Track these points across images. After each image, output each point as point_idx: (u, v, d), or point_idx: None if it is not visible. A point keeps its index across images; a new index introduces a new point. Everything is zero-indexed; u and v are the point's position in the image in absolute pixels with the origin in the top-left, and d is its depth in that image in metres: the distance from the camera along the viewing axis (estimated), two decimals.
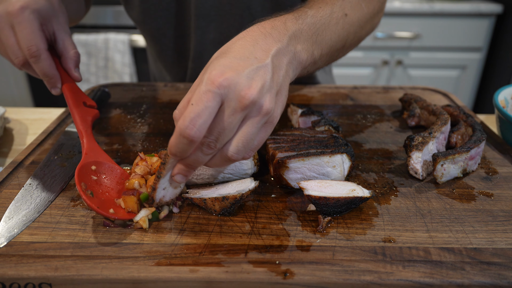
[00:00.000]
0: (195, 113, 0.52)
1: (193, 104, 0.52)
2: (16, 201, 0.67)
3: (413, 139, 0.78)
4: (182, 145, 0.54)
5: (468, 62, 2.63)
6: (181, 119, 0.53)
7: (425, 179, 0.76)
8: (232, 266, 0.55)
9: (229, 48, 0.60)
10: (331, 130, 0.84)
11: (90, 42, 2.48)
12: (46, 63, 0.75)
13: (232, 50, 0.58)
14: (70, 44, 0.79)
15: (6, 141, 1.00)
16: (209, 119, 0.53)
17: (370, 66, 2.65)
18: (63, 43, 0.78)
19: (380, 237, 0.61)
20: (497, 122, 0.94)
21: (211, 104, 0.52)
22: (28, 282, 0.54)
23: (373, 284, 0.53)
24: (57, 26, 0.78)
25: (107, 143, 0.88)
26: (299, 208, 0.68)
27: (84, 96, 0.83)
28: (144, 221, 0.62)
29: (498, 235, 0.62)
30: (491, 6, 2.44)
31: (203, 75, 0.56)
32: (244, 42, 0.60)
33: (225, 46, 0.61)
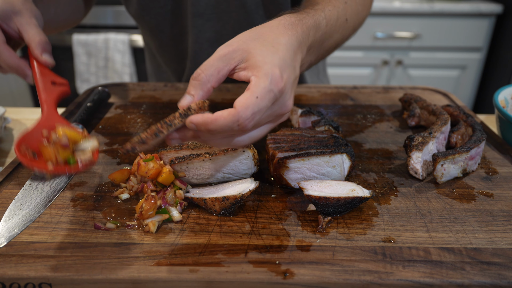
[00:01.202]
0: (258, 108, 0.57)
1: (258, 97, 0.56)
2: (16, 201, 0.67)
3: (413, 139, 0.78)
4: (230, 128, 0.56)
5: (468, 62, 2.63)
6: (244, 109, 0.56)
7: (425, 179, 0.76)
8: (232, 266, 0.55)
9: (276, 42, 0.64)
10: (331, 130, 0.84)
11: (90, 42, 2.48)
12: (5, 55, 0.76)
13: (280, 49, 0.63)
14: (35, 34, 0.79)
15: (6, 141, 1.00)
16: (262, 116, 0.59)
17: (370, 66, 2.65)
18: (27, 34, 0.79)
19: (380, 237, 0.61)
20: (497, 122, 0.94)
21: (270, 103, 0.58)
22: (28, 282, 0.54)
23: (373, 284, 0.53)
24: (20, 22, 0.79)
25: (107, 143, 0.88)
26: (299, 208, 0.68)
27: (54, 76, 0.81)
28: (154, 224, 0.62)
29: (498, 235, 0.62)
30: (491, 6, 2.44)
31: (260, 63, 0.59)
32: (287, 42, 0.65)
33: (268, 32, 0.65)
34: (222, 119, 0.56)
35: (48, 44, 0.80)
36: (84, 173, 0.77)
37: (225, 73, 0.62)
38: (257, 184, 0.68)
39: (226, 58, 0.61)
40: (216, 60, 0.61)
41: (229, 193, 0.65)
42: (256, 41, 0.62)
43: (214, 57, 0.61)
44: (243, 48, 0.62)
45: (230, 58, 0.61)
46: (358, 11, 0.93)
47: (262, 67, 0.59)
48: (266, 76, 0.58)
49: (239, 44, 0.62)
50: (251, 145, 0.73)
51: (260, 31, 0.65)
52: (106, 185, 0.74)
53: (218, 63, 0.61)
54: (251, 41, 0.62)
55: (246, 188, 0.66)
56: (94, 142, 0.65)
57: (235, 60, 0.61)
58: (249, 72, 0.60)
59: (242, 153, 0.72)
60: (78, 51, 2.52)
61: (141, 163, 0.70)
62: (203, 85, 0.61)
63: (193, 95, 0.61)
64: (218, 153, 0.71)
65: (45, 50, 0.79)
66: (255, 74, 0.59)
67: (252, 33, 0.64)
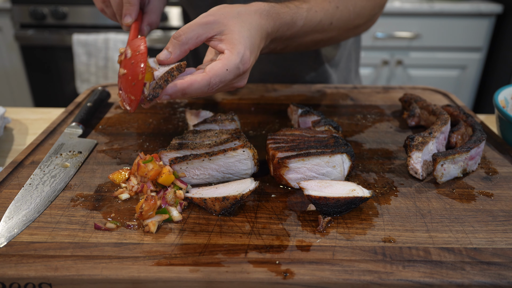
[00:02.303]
0: (225, 78, 0.67)
1: (227, 70, 0.67)
2: (16, 201, 0.67)
3: (413, 139, 0.78)
4: (201, 91, 0.66)
5: (468, 62, 2.63)
6: (215, 76, 0.66)
7: (425, 179, 0.76)
8: (232, 266, 0.55)
9: (252, 27, 0.73)
10: (331, 130, 0.84)
11: (90, 42, 2.48)
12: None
13: (253, 34, 0.72)
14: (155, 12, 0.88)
15: (6, 141, 1.00)
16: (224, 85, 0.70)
17: (370, 66, 2.65)
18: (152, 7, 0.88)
19: (380, 237, 0.61)
20: (497, 122, 0.94)
21: (234, 78, 0.70)
22: (28, 282, 0.54)
23: (373, 284, 0.53)
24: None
25: (107, 143, 0.88)
26: (299, 208, 0.68)
27: None
28: (154, 224, 0.62)
29: (498, 235, 0.62)
30: (491, 6, 2.44)
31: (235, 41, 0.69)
32: (259, 30, 0.75)
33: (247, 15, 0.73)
34: (196, 83, 0.65)
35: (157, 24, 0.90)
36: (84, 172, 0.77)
37: (203, 39, 0.70)
38: (257, 184, 0.67)
39: (207, 27, 0.69)
40: (197, 26, 0.69)
41: (229, 193, 0.65)
42: (236, 20, 0.71)
43: (196, 23, 0.69)
44: (223, 22, 0.70)
45: (210, 28, 0.69)
46: (349, 19, 0.97)
47: (236, 46, 0.69)
48: (238, 55, 0.68)
49: (220, 18, 0.70)
50: (251, 145, 0.73)
51: (240, 11, 0.73)
52: (106, 185, 0.74)
53: (198, 29, 0.69)
54: (231, 18, 0.71)
55: (246, 188, 0.66)
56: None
57: (214, 31, 0.70)
58: (224, 46, 0.69)
59: (242, 153, 0.72)
60: (78, 51, 2.52)
61: (140, 164, 0.70)
62: (182, 46, 0.69)
63: (170, 52, 0.69)
64: (218, 153, 0.71)
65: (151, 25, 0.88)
66: (229, 49, 0.68)
67: (233, 11, 0.72)
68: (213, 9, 0.72)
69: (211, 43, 0.71)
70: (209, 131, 0.80)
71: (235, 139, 0.74)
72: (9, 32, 2.65)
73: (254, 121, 1.00)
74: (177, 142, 0.76)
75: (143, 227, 0.62)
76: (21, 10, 2.53)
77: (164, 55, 0.69)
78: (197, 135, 0.79)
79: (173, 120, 0.99)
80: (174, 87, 0.65)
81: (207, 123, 0.86)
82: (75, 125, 0.91)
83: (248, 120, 1.00)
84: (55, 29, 2.59)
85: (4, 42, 2.70)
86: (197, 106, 1.07)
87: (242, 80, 0.75)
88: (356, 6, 0.97)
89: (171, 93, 0.65)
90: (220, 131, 0.79)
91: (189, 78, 0.65)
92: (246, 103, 1.10)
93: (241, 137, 0.75)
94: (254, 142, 0.89)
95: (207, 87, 0.66)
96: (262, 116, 1.02)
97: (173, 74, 0.66)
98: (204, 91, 0.67)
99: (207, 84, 0.66)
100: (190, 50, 0.70)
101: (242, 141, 0.73)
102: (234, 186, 0.68)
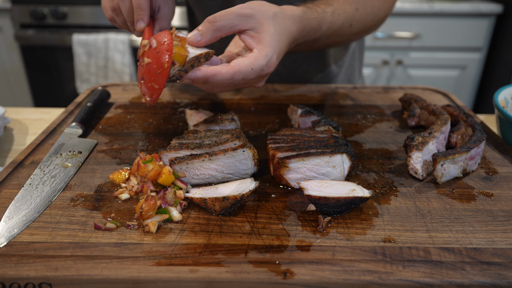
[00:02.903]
0: (248, 77, 0.68)
1: (252, 70, 0.68)
2: (16, 201, 0.67)
3: (413, 139, 0.78)
4: (222, 83, 0.67)
5: (468, 62, 2.63)
6: (239, 73, 0.66)
7: (425, 179, 0.76)
8: (232, 266, 0.55)
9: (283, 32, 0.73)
10: (331, 130, 0.84)
11: (90, 42, 2.48)
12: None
13: (282, 40, 0.73)
14: (166, 19, 0.87)
15: (6, 141, 1.00)
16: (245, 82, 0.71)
17: (370, 66, 2.65)
18: (162, 15, 0.86)
19: (380, 237, 0.61)
20: (497, 122, 0.94)
21: (255, 77, 0.70)
22: (28, 282, 0.54)
23: (373, 284, 0.53)
24: (164, 3, 0.87)
25: (107, 143, 0.88)
26: (299, 208, 0.68)
27: None
28: (154, 224, 0.62)
29: (498, 235, 0.62)
30: (491, 6, 2.44)
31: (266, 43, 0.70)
32: (288, 36, 0.75)
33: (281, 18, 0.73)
34: (220, 75, 0.65)
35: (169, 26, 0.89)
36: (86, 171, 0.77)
37: (235, 30, 0.69)
38: (257, 184, 0.67)
39: (243, 19, 0.69)
40: (233, 15, 0.68)
41: (229, 193, 0.65)
42: (271, 21, 0.71)
43: (233, 12, 0.68)
44: (259, 19, 0.69)
45: (246, 21, 0.69)
46: (366, 21, 0.97)
47: (266, 47, 0.69)
48: (266, 57, 0.69)
49: (258, 14, 0.69)
50: (251, 145, 0.73)
51: (276, 13, 0.72)
52: (106, 185, 0.74)
53: (234, 19, 0.68)
54: (267, 18, 0.70)
55: (246, 188, 0.66)
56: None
57: (249, 25, 0.69)
58: (254, 44, 0.70)
59: (242, 153, 0.72)
60: (78, 51, 2.52)
61: (140, 164, 0.70)
62: (215, 32, 0.68)
63: (201, 35, 0.68)
64: (218, 153, 0.71)
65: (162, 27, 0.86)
66: (259, 49, 0.69)
67: (270, 11, 0.72)
68: (252, 3, 0.71)
69: (241, 36, 0.71)
70: (209, 131, 0.80)
71: (235, 139, 0.74)
72: (9, 32, 2.65)
73: (254, 121, 1.00)
74: (177, 142, 0.76)
75: (143, 227, 0.62)
76: (21, 10, 2.53)
77: (194, 36, 0.68)
78: (197, 135, 0.79)
79: (173, 120, 0.99)
80: (198, 73, 0.65)
81: (207, 123, 0.86)
82: (75, 125, 0.91)
83: (248, 120, 1.00)
84: (55, 29, 2.59)
85: (4, 42, 2.70)
86: (197, 106, 1.07)
87: (262, 81, 0.76)
88: (374, 8, 0.98)
89: (194, 78, 0.65)
90: (220, 131, 0.79)
91: (214, 68, 0.65)
92: (246, 103, 1.10)
93: (241, 137, 0.75)
94: (254, 142, 0.89)
95: (229, 80, 0.66)
96: (262, 116, 1.02)
97: (200, 61, 0.66)
98: (225, 84, 0.67)
99: (230, 78, 0.66)
100: (221, 38, 0.70)
101: (242, 141, 0.73)
102: (234, 186, 0.68)
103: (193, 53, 0.67)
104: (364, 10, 0.95)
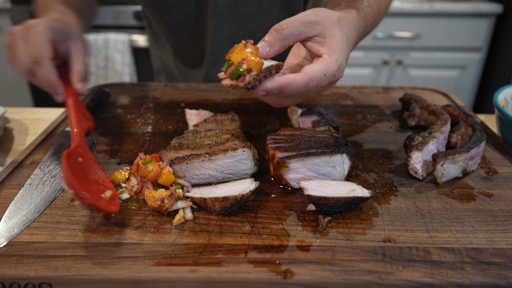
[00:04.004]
0: (321, 83, 0.65)
1: (325, 75, 0.65)
2: (16, 201, 0.67)
3: (413, 139, 0.78)
4: (297, 92, 0.64)
5: (468, 62, 2.63)
6: (313, 79, 0.64)
7: (425, 179, 0.76)
8: (232, 266, 0.55)
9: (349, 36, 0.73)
10: (331, 130, 0.84)
11: (90, 42, 2.48)
12: (47, 69, 0.80)
13: (349, 44, 0.72)
14: (79, 61, 0.86)
15: (6, 141, 1.00)
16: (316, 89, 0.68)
17: (370, 66, 2.65)
18: (73, 60, 0.86)
19: (380, 237, 0.61)
20: (497, 122, 0.94)
21: (327, 84, 0.67)
22: (28, 282, 0.54)
23: (373, 284, 0.53)
24: (73, 47, 0.87)
25: (107, 143, 0.88)
26: (299, 208, 0.68)
27: (83, 109, 0.86)
28: (180, 217, 0.64)
29: (498, 235, 0.62)
30: (491, 6, 2.44)
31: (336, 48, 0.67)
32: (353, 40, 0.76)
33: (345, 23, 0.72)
34: (295, 83, 0.63)
35: (86, 74, 0.87)
36: None
37: (302, 37, 0.67)
38: (257, 184, 0.67)
39: (309, 25, 0.67)
40: (300, 23, 0.66)
41: (229, 193, 0.65)
42: (336, 26, 0.69)
43: (299, 19, 0.66)
44: (325, 24, 0.67)
45: (312, 27, 0.67)
46: (387, 2, 0.98)
47: (336, 52, 0.67)
48: (337, 62, 0.67)
49: (323, 20, 0.67)
50: (251, 145, 0.73)
51: (340, 18, 0.71)
52: None
53: (301, 27, 0.66)
54: (332, 23, 0.69)
55: (246, 188, 0.66)
56: None
57: (316, 31, 0.67)
58: (323, 49, 0.67)
59: (242, 153, 0.72)
60: None
61: (140, 165, 0.70)
62: (283, 40, 0.66)
63: (269, 45, 0.66)
64: (218, 153, 0.71)
65: (82, 79, 0.86)
66: (329, 54, 0.67)
67: (334, 16, 0.70)
68: (315, 10, 0.69)
69: (308, 44, 0.69)
70: (209, 131, 0.80)
71: (235, 139, 0.74)
72: None
73: (254, 121, 1.00)
74: (177, 142, 0.76)
75: (143, 228, 0.62)
76: (21, 10, 2.53)
77: (263, 47, 0.66)
78: (197, 135, 0.79)
79: (173, 120, 1.00)
80: (273, 82, 0.62)
81: (207, 123, 0.86)
82: None
83: (248, 120, 1.00)
84: None
85: None
86: (197, 106, 1.07)
87: (331, 88, 0.74)
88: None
89: (270, 88, 0.62)
90: (220, 131, 0.79)
91: (288, 76, 0.63)
92: (246, 103, 1.10)
93: (241, 137, 0.75)
94: (254, 142, 0.89)
95: (304, 88, 0.64)
96: (262, 116, 1.02)
97: (272, 72, 0.64)
98: (300, 92, 0.65)
99: (304, 86, 0.64)
100: (289, 46, 0.68)
101: (242, 141, 0.73)
102: (234, 186, 0.68)
103: (265, 64, 0.64)
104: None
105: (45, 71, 0.80)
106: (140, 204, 0.68)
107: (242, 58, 0.62)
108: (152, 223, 0.64)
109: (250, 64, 0.61)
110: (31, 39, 0.80)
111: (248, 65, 0.61)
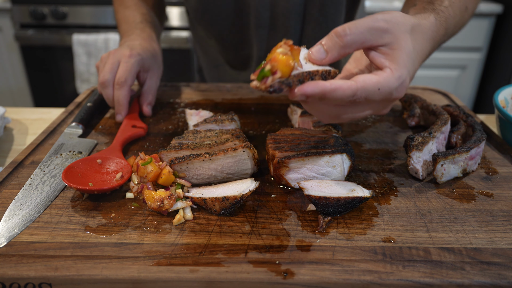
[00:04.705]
0: (372, 97, 0.58)
1: (379, 90, 0.57)
2: (16, 201, 0.67)
3: (413, 139, 0.78)
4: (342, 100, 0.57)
5: (468, 62, 2.63)
6: (363, 90, 0.56)
7: (425, 179, 0.76)
8: (232, 266, 0.55)
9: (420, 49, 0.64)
10: (331, 130, 0.84)
11: (90, 42, 2.48)
12: (123, 93, 0.93)
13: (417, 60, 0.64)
14: (153, 91, 1.04)
15: (6, 141, 1.00)
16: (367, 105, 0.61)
17: None
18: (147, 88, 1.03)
19: (380, 237, 0.61)
20: (497, 122, 0.94)
21: (380, 100, 0.60)
22: (28, 282, 0.54)
23: (373, 284, 0.53)
24: (150, 77, 1.04)
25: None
26: (299, 208, 0.68)
27: (138, 121, 0.95)
28: (180, 216, 0.64)
29: (498, 235, 0.62)
30: (491, 6, 2.44)
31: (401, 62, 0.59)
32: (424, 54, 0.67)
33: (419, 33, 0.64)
34: (341, 90, 0.55)
35: (154, 100, 1.04)
36: None
37: (366, 46, 0.59)
38: (257, 184, 0.67)
39: (377, 33, 0.58)
40: (366, 29, 0.58)
41: (229, 193, 0.65)
42: (408, 36, 0.60)
43: (366, 25, 0.58)
44: (395, 33, 0.59)
45: (380, 36, 0.58)
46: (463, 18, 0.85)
47: (400, 68, 0.58)
48: (399, 79, 0.58)
49: (394, 27, 0.59)
50: (251, 145, 0.73)
51: (414, 26, 0.63)
52: None
53: (367, 34, 0.58)
54: (404, 32, 0.60)
55: (246, 188, 0.66)
56: None
57: (383, 41, 0.59)
58: (387, 62, 0.59)
59: (242, 153, 0.72)
60: (78, 51, 2.52)
61: (139, 165, 0.70)
62: (343, 48, 0.58)
63: (326, 52, 0.59)
64: (218, 153, 0.71)
65: (151, 104, 1.02)
66: (392, 68, 0.58)
67: (407, 23, 0.61)
68: (386, 14, 0.60)
69: (371, 54, 0.60)
70: (209, 131, 0.80)
71: (235, 139, 0.74)
72: (9, 32, 2.65)
73: (254, 121, 1.00)
74: (177, 142, 0.76)
75: (144, 228, 0.62)
76: (21, 10, 2.53)
77: (318, 53, 0.59)
78: (197, 135, 0.79)
79: (173, 120, 1.00)
80: (314, 87, 0.54)
81: (207, 123, 0.86)
82: (75, 125, 0.91)
83: (248, 120, 1.00)
84: (55, 29, 2.59)
85: (4, 42, 2.70)
86: (197, 106, 1.07)
87: (386, 108, 0.64)
88: None
89: (310, 93, 0.54)
90: (220, 131, 0.79)
91: (333, 82, 0.55)
92: (246, 103, 1.10)
93: (241, 137, 0.75)
94: (254, 142, 0.89)
95: (350, 98, 0.56)
96: (262, 116, 1.02)
97: (314, 78, 0.57)
98: (343, 103, 0.58)
99: (351, 95, 0.55)
100: (349, 54, 0.60)
101: (242, 141, 0.73)
102: (234, 186, 0.68)
103: (308, 68, 0.57)
104: None
105: (121, 94, 0.93)
106: (140, 204, 0.68)
107: (270, 58, 0.56)
108: (152, 223, 0.64)
109: (276, 65, 0.55)
110: (124, 65, 0.94)
111: (273, 66, 0.55)
